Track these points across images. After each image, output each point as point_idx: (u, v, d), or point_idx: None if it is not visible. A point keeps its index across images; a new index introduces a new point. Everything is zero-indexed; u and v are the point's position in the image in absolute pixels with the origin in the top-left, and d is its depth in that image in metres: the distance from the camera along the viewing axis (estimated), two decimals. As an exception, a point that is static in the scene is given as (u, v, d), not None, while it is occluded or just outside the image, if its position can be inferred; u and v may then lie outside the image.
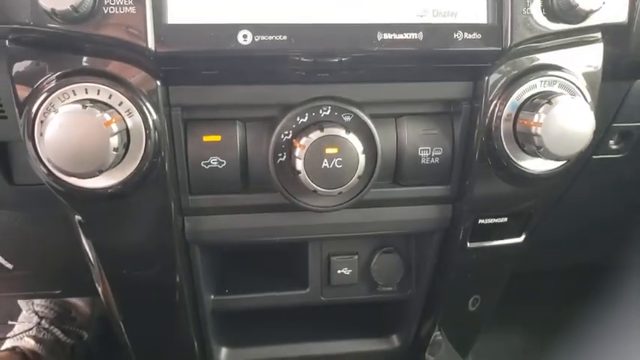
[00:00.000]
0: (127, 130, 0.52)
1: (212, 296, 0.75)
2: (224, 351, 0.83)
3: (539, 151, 0.56)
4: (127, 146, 0.53)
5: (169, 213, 0.61)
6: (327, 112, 0.58)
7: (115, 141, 0.49)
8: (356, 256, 0.75)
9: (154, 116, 0.54)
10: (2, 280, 0.95)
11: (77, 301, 1.36)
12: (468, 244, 0.69)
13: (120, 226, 0.62)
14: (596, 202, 0.87)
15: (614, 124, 0.70)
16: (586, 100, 0.58)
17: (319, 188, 0.57)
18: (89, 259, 0.68)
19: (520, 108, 0.58)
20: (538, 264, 1.11)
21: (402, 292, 0.78)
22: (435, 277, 0.75)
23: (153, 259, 0.67)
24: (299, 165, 0.56)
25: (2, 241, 0.77)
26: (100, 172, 0.50)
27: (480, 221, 0.67)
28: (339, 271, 0.75)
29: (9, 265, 0.71)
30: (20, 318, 1.28)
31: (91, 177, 0.51)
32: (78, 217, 0.60)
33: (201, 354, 0.82)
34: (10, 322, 1.28)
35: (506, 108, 0.58)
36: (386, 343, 0.86)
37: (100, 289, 0.73)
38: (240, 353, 0.84)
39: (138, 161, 0.54)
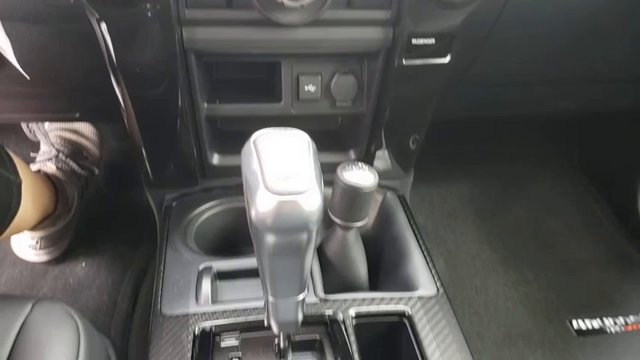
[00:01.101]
0: None
1: (206, 104, 0.95)
2: (216, 156, 1.06)
3: None
4: None
5: (171, 21, 0.78)
6: None
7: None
8: (319, 76, 0.94)
9: None
10: (25, 100, 1.13)
11: (87, 144, 1.56)
12: (404, 61, 0.88)
13: (134, 33, 0.79)
14: (514, 49, 1.05)
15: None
16: None
17: (285, 0, 0.74)
18: (110, 72, 0.86)
19: None
20: (474, 112, 1.31)
21: (356, 108, 0.99)
22: (380, 94, 0.96)
23: (159, 67, 0.86)
24: None
25: (30, 58, 0.91)
26: None
27: (414, 41, 0.85)
28: (305, 88, 0.95)
29: (26, 75, 0.86)
30: (40, 151, 1.49)
31: None
32: (98, 20, 0.77)
33: (199, 158, 1.04)
34: (32, 154, 1.49)
35: None
36: (344, 156, 1.09)
37: (120, 101, 0.92)
38: (228, 159, 1.06)
39: None
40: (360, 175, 0.79)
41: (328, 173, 0.75)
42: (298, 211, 0.52)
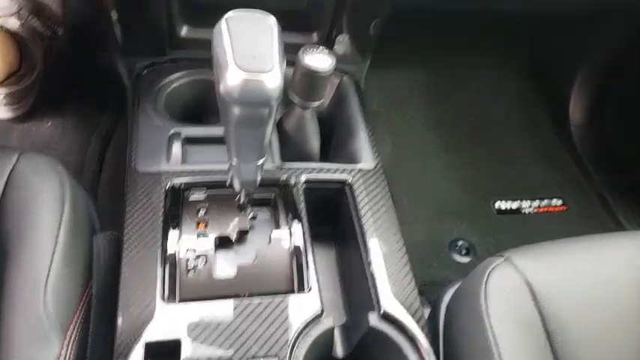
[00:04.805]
0: None
1: None
2: (184, 28, 1.10)
3: None
4: None
5: None
6: None
7: None
8: None
9: None
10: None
11: (49, 2, 1.53)
12: None
13: None
14: None
15: None
16: None
17: None
18: None
19: None
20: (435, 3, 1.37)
21: None
22: None
23: None
24: None
25: None
26: None
27: None
28: None
29: None
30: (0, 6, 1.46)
31: None
32: None
33: (168, 29, 1.08)
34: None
35: None
36: (308, 37, 1.15)
37: None
38: (196, 31, 1.10)
39: None
40: (319, 59, 0.87)
41: (291, 53, 0.82)
42: (261, 88, 0.59)
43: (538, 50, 1.92)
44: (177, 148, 0.92)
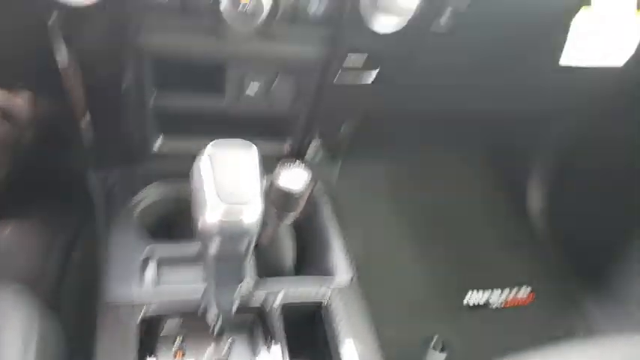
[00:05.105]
0: None
1: (154, 95, 1.00)
2: (158, 143, 1.10)
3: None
4: None
5: (126, 27, 0.83)
6: None
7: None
8: (262, 79, 1.02)
9: None
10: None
11: (17, 107, 1.53)
12: (335, 80, 0.98)
13: (89, 29, 0.83)
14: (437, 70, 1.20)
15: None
16: None
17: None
18: (59, 56, 0.88)
19: None
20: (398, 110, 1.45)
21: (293, 109, 1.08)
22: (316, 100, 1.06)
23: (110, 61, 0.90)
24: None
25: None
26: None
27: (344, 64, 0.96)
28: (248, 89, 1.02)
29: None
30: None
31: None
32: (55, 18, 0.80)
33: (142, 143, 1.08)
34: (-43, 116, 1.45)
35: None
36: (282, 146, 1.18)
37: (69, 88, 0.94)
38: (170, 145, 1.11)
39: None
40: (294, 177, 0.88)
41: (268, 160, 0.84)
42: (240, 223, 0.60)
43: (497, 145, 2.04)
44: (150, 271, 0.90)
